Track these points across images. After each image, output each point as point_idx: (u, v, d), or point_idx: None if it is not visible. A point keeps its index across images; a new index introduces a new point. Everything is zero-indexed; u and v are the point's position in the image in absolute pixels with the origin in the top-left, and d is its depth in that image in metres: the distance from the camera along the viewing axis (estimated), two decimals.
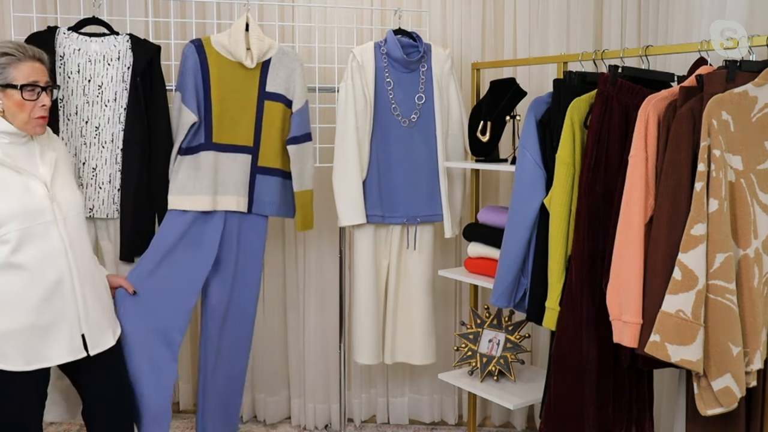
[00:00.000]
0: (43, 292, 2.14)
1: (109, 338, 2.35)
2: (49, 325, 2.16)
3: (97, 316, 2.29)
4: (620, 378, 2.31)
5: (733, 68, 2.01)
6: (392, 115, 3.01)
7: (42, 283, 2.14)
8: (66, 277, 2.18)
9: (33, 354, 2.14)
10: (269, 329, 3.53)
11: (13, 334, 2.11)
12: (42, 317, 2.14)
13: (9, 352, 2.11)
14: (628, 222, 2.06)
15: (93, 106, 2.70)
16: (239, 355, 2.96)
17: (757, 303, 1.95)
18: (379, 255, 3.09)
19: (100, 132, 2.70)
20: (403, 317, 3.12)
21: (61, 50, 2.69)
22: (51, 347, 2.17)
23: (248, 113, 2.85)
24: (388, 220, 3.04)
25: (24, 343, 2.12)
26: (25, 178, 2.16)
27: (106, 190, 2.72)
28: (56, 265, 2.17)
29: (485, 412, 3.59)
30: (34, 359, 2.15)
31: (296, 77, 2.91)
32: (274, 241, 3.44)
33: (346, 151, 2.96)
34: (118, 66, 2.72)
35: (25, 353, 2.13)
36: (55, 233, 2.17)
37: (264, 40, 2.85)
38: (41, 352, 2.15)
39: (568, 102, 2.32)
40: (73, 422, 3.47)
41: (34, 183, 2.17)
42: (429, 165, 3.05)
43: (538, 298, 2.45)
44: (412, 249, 3.08)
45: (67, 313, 2.19)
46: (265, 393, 3.55)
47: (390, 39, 3.01)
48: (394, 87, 3.01)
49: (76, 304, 2.21)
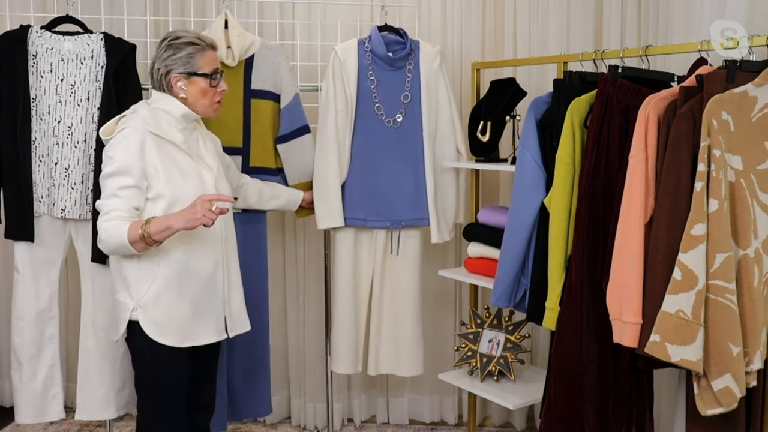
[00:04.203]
0: (202, 279, 2.29)
1: (245, 323, 2.48)
2: (203, 309, 2.31)
3: (237, 301, 2.44)
4: (620, 378, 2.31)
5: (733, 68, 2.01)
6: (376, 114, 2.91)
7: (202, 271, 2.29)
8: (220, 265, 2.33)
9: (187, 333, 2.29)
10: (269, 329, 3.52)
11: (175, 316, 2.26)
12: (198, 303, 2.29)
13: (170, 331, 2.26)
14: (628, 222, 2.05)
15: (66, 106, 2.68)
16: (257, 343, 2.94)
17: (757, 303, 1.95)
18: (362, 260, 2.99)
19: (73, 132, 2.68)
20: (388, 327, 3.02)
21: (34, 49, 2.68)
22: (202, 329, 2.32)
23: (234, 113, 2.81)
24: (371, 223, 2.94)
25: (182, 325, 2.27)
26: (199, 166, 2.30)
27: (79, 191, 2.70)
28: (214, 253, 2.31)
29: (485, 412, 3.59)
30: (187, 339, 2.29)
31: (282, 72, 2.87)
32: (274, 241, 3.44)
33: (325, 152, 2.88)
34: (92, 65, 2.70)
35: (181, 331, 2.27)
36: (218, 222, 2.26)
37: (245, 37, 2.82)
38: (193, 333, 2.30)
39: (568, 102, 2.32)
40: (72, 422, 3.47)
41: (205, 171, 2.31)
42: (415, 167, 2.93)
43: (538, 298, 2.45)
44: (396, 254, 2.99)
45: (217, 298, 2.34)
46: None
47: (374, 35, 2.91)
48: (378, 85, 2.91)
49: (223, 290, 2.36)
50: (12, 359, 2.81)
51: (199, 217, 2.08)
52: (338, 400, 3.48)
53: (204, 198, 2.11)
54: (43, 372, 2.80)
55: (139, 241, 2.11)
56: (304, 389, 3.55)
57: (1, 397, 3.73)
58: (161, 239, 2.13)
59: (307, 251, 3.47)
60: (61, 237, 2.77)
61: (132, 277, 2.24)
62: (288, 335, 3.55)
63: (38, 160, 2.69)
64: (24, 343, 2.77)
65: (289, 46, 3.21)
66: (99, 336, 2.79)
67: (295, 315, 3.53)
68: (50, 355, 2.81)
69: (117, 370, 2.81)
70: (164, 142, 2.23)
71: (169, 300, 2.24)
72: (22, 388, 2.79)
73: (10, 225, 2.71)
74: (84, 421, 3.48)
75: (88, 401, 2.81)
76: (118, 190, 2.16)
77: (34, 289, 2.76)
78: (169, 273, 2.24)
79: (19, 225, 2.69)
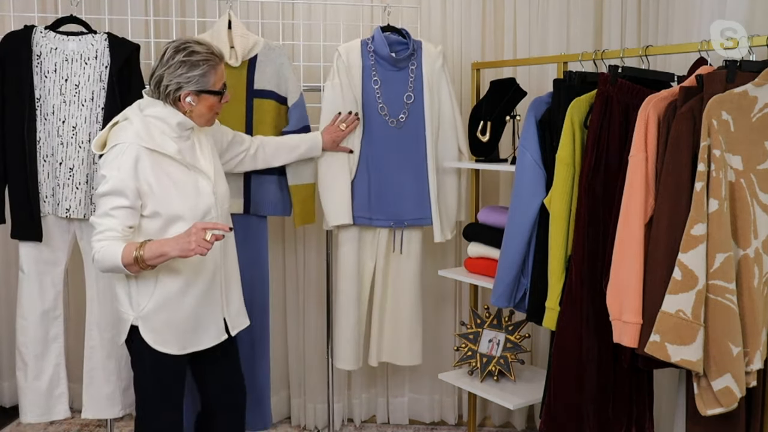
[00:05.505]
0: (202, 289, 2.29)
1: (245, 319, 2.49)
2: (203, 317, 2.31)
3: (236, 301, 2.44)
4: (620, 378, 2.31)
5: (733, 68, 2.01)
6: (379, 114, 2.92)
7: (201, 281, 2.28)
8: (218, 269, 2.33)
9: (187, 341, 2.29)
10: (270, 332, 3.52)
11: (173, 325, 2.26)
12: (198, 312, 2.29)
13: (169, 339, 2.26)
14: (628, 222, 2.05)
15: (70, 106, 2.68)
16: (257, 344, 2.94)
17: (757, 303, 1.95)
18: (365, 258, 3.01)
19: (77, 132, 2.69)
20: (390, 320, 3.05)
21: (38, 49, 2.68)
22: (201, 335, 2.32)
23: (237, 113, 2.81)
24: (375, 222, 2.96)
25: (181, 333, 2.28)
26: (195, 175, 2.26)
27: (83, 191, 2.70)
28: (213, 259, 2.30)
29: (485, 412, 3.59)
30: (188, 345, 2.30)
31: (285, 72, 2.87)
32: (274, 241, 3.44)
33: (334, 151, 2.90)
34: (96, 65, 2.70)
35: (181, 340, 2.28)
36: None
37: (248, 37, 2.83)
38: (194, 339, 2.31)
39: (568, 102, 2.32)
40: (72, 422, 3.47)
41: (202, 180, 2.27)
42: (418, 167, 2.94)
43: (538, 298, 2.45)
44: (398, 253, 3.02)
45: (215, 303, 2.34)
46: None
47: (377, 36, 2.92)
48: (381, 86, 2.92)
49: (221, 293, 2.36)
50: (17, 359, 2.81)
51: (193, 247, 2.06)
52: (338, 400, 3.48)
53: (198, 227, 2.08)
54: (49, 371, 2.81)
55: (133, 264, 2.10)
56: (304, 389, 3.55)
57: (1, 397, 3.73)
58: (155, 264, 2.12)
59: (308, 251, 3.47)
60: (66, 237, 2.77)
61: (132, 290, 2.24)
62: (288, 335, 3.55)
63: (43, 160, 2.69)
64: (29, 343, 2.77)
65: (290, 47, 3.21)
66: (104, 335, 2.80)
67: (295, 315, 3.53)
68: (55, 355, 2.81)
69: (122, 369, 2.81)
70: (158, 155, 2.18)
71: (168, 311, 2.24)
72: (27, 387, 2.80)
73: (16, 225, 2.71)
74: (84, 421, 3.48)
75: (94, 400, 2.82)
76: (112, 210, 2.12)
77: (39, 289, 2.76)
78: (169, 285, 2.23)
79: (26, 225, 2.69)
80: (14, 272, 3.16)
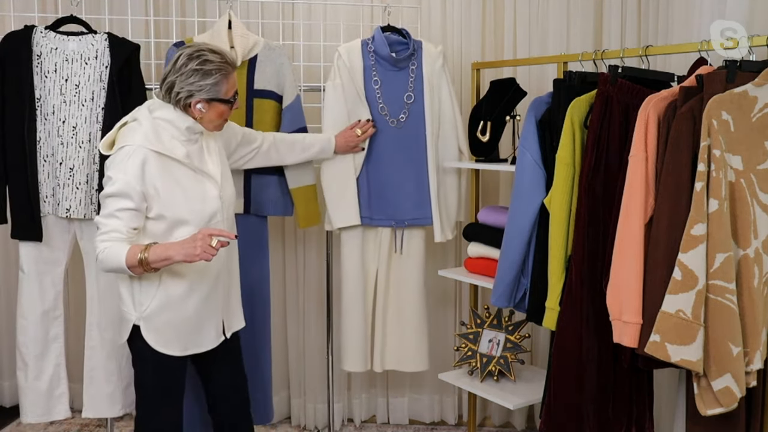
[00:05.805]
0: (204, 291, 2.30)
1: (241, 320, 2.50)
2: (204, 319, 2.32)
3: (235, 302, 2.47)
4: (620, 378, 2.31)
5: (733, 68, 2.01)
6: (380, 114, 2.92)
7: (205, 282, 2.29)
8: (222, 274, 2.35)
9: (189, 342, 2.31)
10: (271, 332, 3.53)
11: (175, 326, 2.27)
12: (199, 313, 2.30)
13: (171, 340, 2.27)
14: (628, 222, 2.05)
15: (70, 106, 2.68)
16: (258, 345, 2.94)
17: (757, 303, 1.95)
18: (368, 259, 3.00)
19: (77, 132, 2.69)
20: (393, 323, 3.03)
21: (38, 49, 2.68)
22: (202, 337, 2.33)
23: (237, 113, 2.80)
24: (376, 222, 2.96)
25: (183, 334, 2.29)
26: (202, 179, 2.27)
27: (84, 191, 2.70)
28: (217, 264, 2.31)
29: (485, 412, 3.59)
30: (189, 347, 2.31)
31: (285, 72, 2.87)
32: (274, 241, 3.44)
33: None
34: (96, 65, 2.70)
35: (183, 342, 2.29)
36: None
37: (248, 37, 2.83)
38: (195, 341, 2.32)
39: (568, 102, 2.32)
40: (72, 422, 3.47)
41: (209, 184, 2.28)
42: (418, 167, 2.94)
43: (538, 298, 2.45)
44: (400, 255, 3.00)
45: (216, 306, 2.35)
46: None
47: (377, 36, 2.92)
48: (381, 86, 2.92)
49: (222, 296, 2.37)
50: (17, 359, 2.82)
51: (198, 252, 2.07)
52: (338, 400, 3.48)
53: (204, 233, 2.10)
54: (49, 371, 2.81)
55: (137, 266, 2.11)
56: (304, 389, 3.55)
57: (2, 397, 3.73)
58: (158, 267, 2.13)
59: (308, 251, 3.47)
60: (66, 236, 2.77)
61: (135, 291, 2.24)
62: (288, 335, 3.55)
63: (43, 160, 2.69)
64: (29, 343, 2.77)
65: (290, 47, 3.21)
66: (104, 335, 2.80)
67: (296, 315, 3.53)
68: (55, 355, 2.82)
69: (123, 368, 2.81)
70: (166, 159, 2.18)
71: (171, 313, 2.25)
72: (28, 387, 2.80)
73: (16, 225, 2.71)
74: (84, 421, 3.48)
75: (94, 400, 2.82)
76: (117, 211, 2.13)
77: (39, 289, 2.77)
78: (172, 287, 2.24)
79: (26, 225, 2.69)
80: (14, 272, 3.16)
